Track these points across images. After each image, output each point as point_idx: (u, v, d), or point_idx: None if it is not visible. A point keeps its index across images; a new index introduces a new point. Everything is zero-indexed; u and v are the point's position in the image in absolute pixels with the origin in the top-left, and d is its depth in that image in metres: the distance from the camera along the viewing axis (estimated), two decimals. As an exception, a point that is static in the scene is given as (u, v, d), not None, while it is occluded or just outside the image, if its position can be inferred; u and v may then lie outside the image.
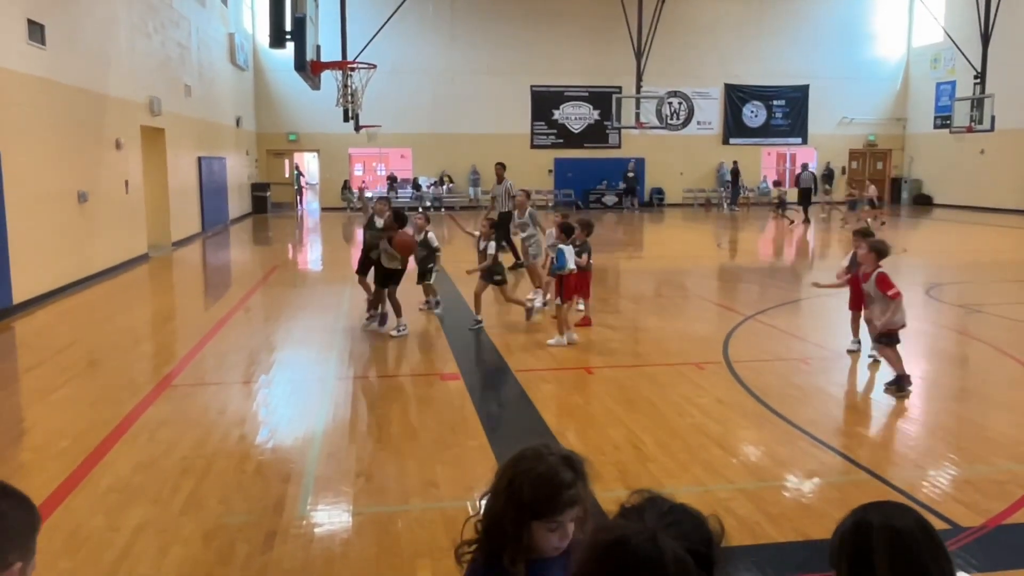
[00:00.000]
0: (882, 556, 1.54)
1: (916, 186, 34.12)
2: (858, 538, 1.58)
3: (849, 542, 1.60)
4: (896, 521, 1.58)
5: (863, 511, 1.63)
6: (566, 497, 1.85)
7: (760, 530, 4.34)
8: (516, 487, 1.86)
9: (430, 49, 31.15)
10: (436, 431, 6.08)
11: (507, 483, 1.88)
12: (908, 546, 1.55)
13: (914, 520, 1.59)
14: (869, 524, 1.58)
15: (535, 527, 1.86)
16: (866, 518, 1.60)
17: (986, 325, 10.09)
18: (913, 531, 1.56)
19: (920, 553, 1.55)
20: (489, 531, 1.90)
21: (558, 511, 1.85)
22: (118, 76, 15.08)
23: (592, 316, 9.77)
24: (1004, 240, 21.21)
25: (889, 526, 1.57)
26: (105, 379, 7.74)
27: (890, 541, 1.55)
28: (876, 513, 1.61)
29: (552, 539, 1.87)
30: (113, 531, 4.37)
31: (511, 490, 1.86)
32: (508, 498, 1.86)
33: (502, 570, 1.86)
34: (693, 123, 33.48)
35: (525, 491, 1.84)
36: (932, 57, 32.61)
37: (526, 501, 1.84)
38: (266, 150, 31.13)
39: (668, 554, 1.36)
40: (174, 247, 18.35)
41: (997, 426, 6.13)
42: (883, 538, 1.56)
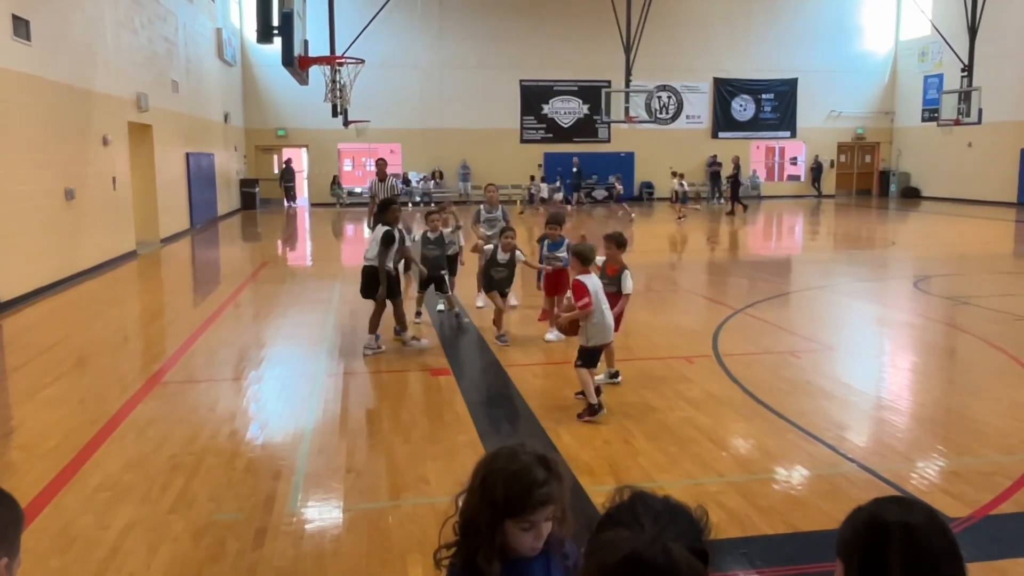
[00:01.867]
0: (895, 554, 1.52)
1: (904, 179, 34.28)
2: (872, 534, 1.57)
3: (863, 537, 1.58)
4: (912, 519, 1.56)
5: (878, 506, 1.61)
6: (538, 496, 1.84)
7: (750, 523, 4.36)
8: (489, 486, 1.86)
9: (419, 44, 31.07)
10: (426, 427, 6.08)
11: (480, 482, 1.88)
12: (921, 546, 1.53)
13: (929, 518, 1.57)
14: (884, 521, 1.57)
15: (508, 526, 1.86)
16: (881, 514, 1.58)
17: (974, 317, 10.15)
18: (929, 531, 1.55)
19: (933, 554, 1.53)
20: (464, 531, 1.90)
21: (530, 510, 1.84)
22: (105, 72, 14.98)
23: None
24: (991, 232, 21.33)
25: (904, 523, 1.55)
26: (93, 377, 7.71)
27: (904, 539, 1.53)
28: (892, 510, 1.59)
29: (526, 539, 1.87)
30: (102, 529, 4.36)
31: (484, 489, 1.87)
32: (481, 497, 1.86)
33: (478, 571, 1.86)
34: (682, 117, 33.53)
35: (498, 490, 1.84)
36: (920, 50, 32.73)
37: (499, 500, 1.84)
38: (255, 146, 31.02)
39: (682, 563, 1.35)
40: (162, 244, 18.27)
41: (985, 418, 6.17)
42: (897, 536, 1.54)
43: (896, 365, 8.30)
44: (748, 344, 8.65)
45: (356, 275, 14.15)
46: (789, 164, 36.01)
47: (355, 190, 32.42)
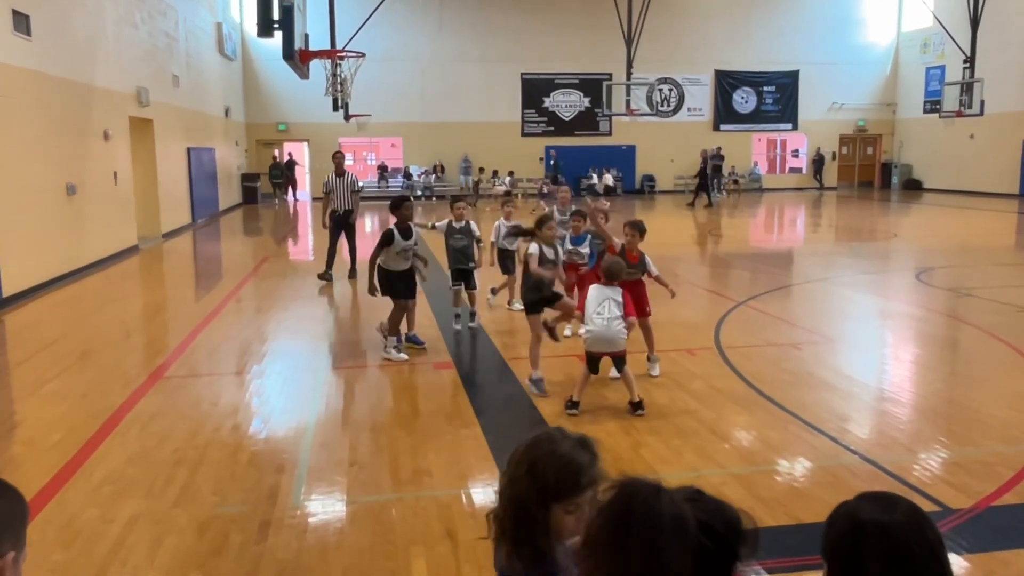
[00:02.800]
0: (872, 554, 1.51)
1: (906, 171, 34.20)
2: (849, 534, 1.55)
3: (840, 537, 1.56)
4: (889, 519, 1.53)
5: (855, 506, 1.59)
6: (586, 478, 1.87)
7: (753, 515, 4.35)
8: (539, 471, 1.88)
9: (419, 37, 31.02)
10: (429, 420, 6.09)
11: (528, 468, 1.90)
12: (899, 548, 1.51)
13: (909, 518, 1.55)
14: (860, 520, 1.54)
15: (555, 510, 1.88)
16: (857, 514, 1.56)
17: (976, 309, 10.15)
18: (908, 531, 1.52)
19: (911, 555, 1.51)
20: (516, 519, 1.91)
21: (578, 493, 1.87)
22: (105, 67, 14.97)
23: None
24: (993, 224, 21.29)
25: (879, 522, 1.53)
26: (97, 371, 7.72)
27: (880, 539, 1.51)
28: (870, 509, 1.57)
29: (570, 522, 1.89)
30: (107, 523, 4.37)
31: (533, 475, 1.88)
32: (531, 483, 1.88)
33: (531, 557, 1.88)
34: (684, 110, 33.47)
35: (549, 475, 1.87)
36: (922, 42, 32.63)
37: (550, 485, 1.87)
38: (255, 140, 31.00)
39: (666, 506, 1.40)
40: (164, 238, 18.28)
41: (987, 409, 6.17)
42: (873, 535, 1.52)
43: (898, 357, 8.29)
44: (750, 336, 8.65)
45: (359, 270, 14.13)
46: (791, 156, 35.93)
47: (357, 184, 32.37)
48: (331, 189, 12.33)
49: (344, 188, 12.31)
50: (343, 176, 12.43)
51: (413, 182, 31.15)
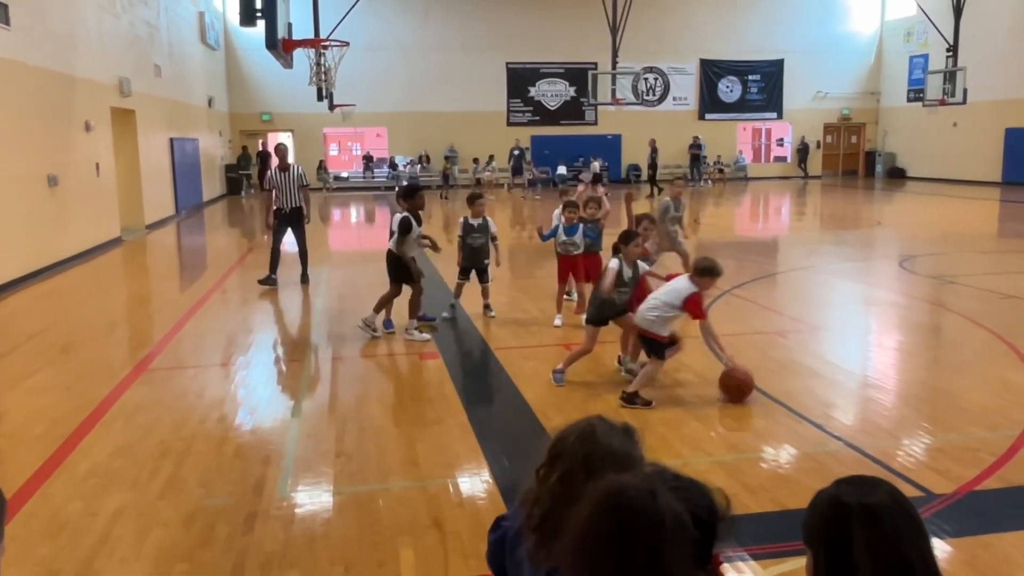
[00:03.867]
0: (859, 535, 1.51)
1: (889, 159, 34.37)
2: (835, 518, 1.55)
3: (826, 522, 1.56)
4: (873, 500, 1.54)
5: (838, 488, 1.59)
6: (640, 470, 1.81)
7: (738, 501, 4.35)
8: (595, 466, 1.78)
9: (404, 26, 30.85)
10: (415, 410, 6.09)
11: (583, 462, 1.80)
12: (884, 527, 1.51)
13: (891, 498, 1.56)
14: (845, 503, 1.55)
15: None
16: (842, 497, 1.56)
17: (959, 296, 10.23)
18: (891, 510, 1.53)
19: (897, 533, 1.51)
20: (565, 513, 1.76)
21: None
22: (86, 57, 14.82)
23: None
24: (976, 212, 21.45)
25: (866, 505, 1.53)
26: (80, 364, 7.67)
27: (866, 520, 1.51)
28: (852, 491, 1.57)
29: None
30: (92, 516, 4.35)
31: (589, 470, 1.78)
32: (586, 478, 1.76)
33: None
34: (669, 99, 33.47)
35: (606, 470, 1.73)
36: (905, 30, 32.74)
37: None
38: (239, 130, 30.77)
39: (665, 507, 1.37)
40: (147, 230, 18.15)
41: (969, 395, 6.23)
42: (859, 517, 1.52)
43: (882, 344, 8.35)
44: (736, 324, 8.68)
45: (345, 260, 14.13)
46: (776, 145, 36.03)
47: (341, 175, 32.25)
48: (275, 185, 11.01)
49: (290, 183, 11.01)
50: (288, 170, 11.06)
51: (399, 172, 31.04)
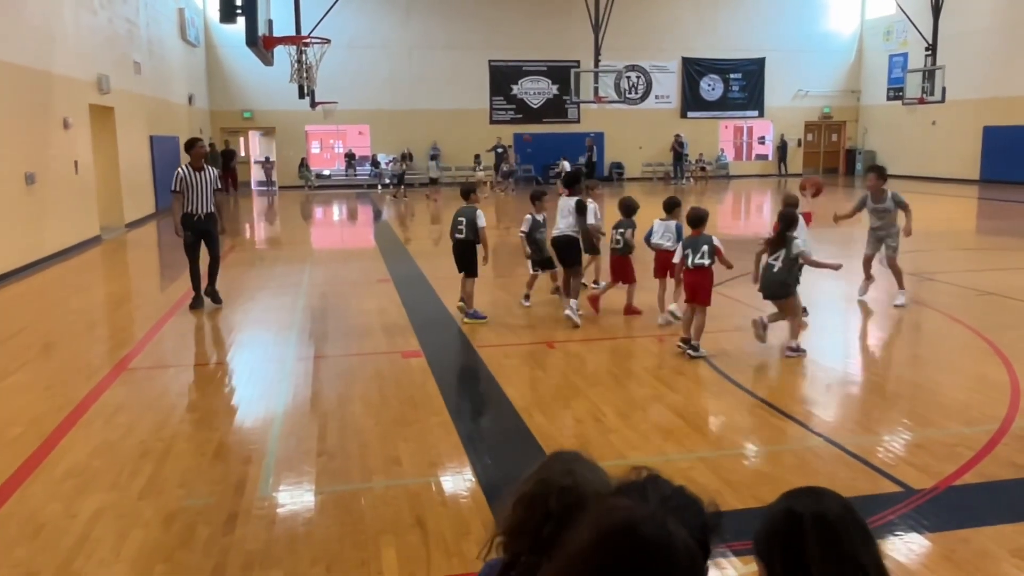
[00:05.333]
0: (814, 546, 1.51)
1: (870, 157, 34.58)
2: (788, 528, 1.55)
3: (779, 533, 1.57)
4: (825, 509, 1.55)
5: (791, 501, 1.60)
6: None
7: (720, 498, 4.38)
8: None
9: (386, 24, 30.76)
10: (398, 408, 6.07)
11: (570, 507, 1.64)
12: (839, 534, 1.52)
13: (841, 506, 1.57)
14: (799, 514, 1.55)
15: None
16: (794, 508, 1.57)
17: (938, 292, 10.32)
18: (843, 517, 1.54)
19: (851, 540, 1.53)
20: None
21: None
22: (64, 53, 14.67)
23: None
24: (955, 209, 21.64)
25: (819, 514, 1.54)
26: (59, 364, 7.60)
27: (821, 530, 1.52)
28: (804, 502, 1.58)
29: None
30: (70, 517, 4.31)
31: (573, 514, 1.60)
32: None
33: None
34: (651, 97, 33.56)
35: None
36: (885, 29, 32.99)
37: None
38: (220, 128, 30.57)
39: (679, 542, 1.30)
40: (127, 228, 18.00)
41: (948, 391, 6.29)
42: (813, 528, 1.53)
43: (862, 340, 8.42)
44: (717, 322, 8.70)
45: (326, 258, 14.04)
46: (757, 143, 36.21)
47: (323, 172, 32.12)
48: (186, 186, 9.55)
49: (204, 186, 9.61)
50: (202, 171, 9.69)
51: (381, 170, 30.96)
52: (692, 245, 7.31)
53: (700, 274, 7.26)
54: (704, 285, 7.26)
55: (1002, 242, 15.20)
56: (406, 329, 8.59)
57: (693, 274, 7.27)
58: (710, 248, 7.24)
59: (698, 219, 7.42)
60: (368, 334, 8.44)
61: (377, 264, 13.28)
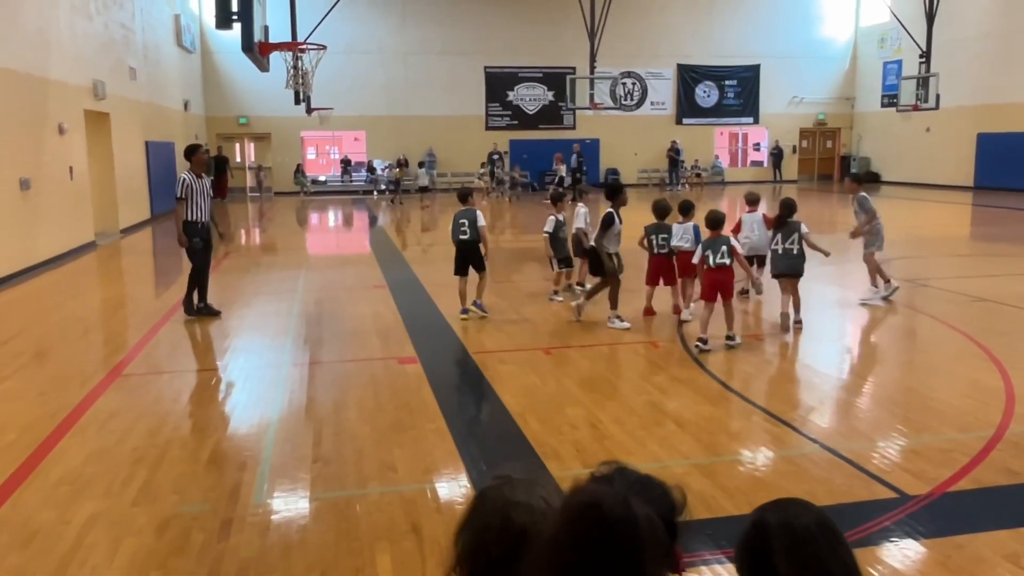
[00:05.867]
0: (781, 556, 1.52)
1: (864, 164, 34.70)
2: (757, 539, 1.56)
3: (748, 544, 1.58)
4: (794, 519, 1.56)
5: (762, 511, 1.61)
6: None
7: (716, 504, 4.41)
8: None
9: (382, 30, 30.78)
10: (393, 415, 6.06)
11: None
12: (806, 544, 1.52)
13: (813, 517, 1.57)
14: (767, 524, 1.56)
15: None
16: (764, 518, 1.58)
17: (932, 299, 10.34)
18: (810, 528, 1.54)
19: (819, 550, 1.52)
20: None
21: None
22: (59, 59, 14.66)
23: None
24: (949, 215, 21.71)
25: (787, 524, 1.55)
26: (53, 370, 7.57)
27: (788, 540, 1.53)
28: (774, 512, 1.59)
29: None
30: (64, 524, 4.29)
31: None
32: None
33: None
34: (647, 103, 33.60)
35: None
36: (879, 37, 33.11)
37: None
38: (216, 134, 30.55)
39: (641, 517, 1.38)
40: (122, 234, 17.97)
41: (942, 396, 6.30)
42: (781, 537, 1.54)
43: (857, 347, 8.43)
44: (712, 328, 8.72)
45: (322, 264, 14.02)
46: (752, 150, 36.29)
47: (319, 178, 32.11)
48: (191, 193, 9.39)
49: (205, 193, 9.56)
50: (202, 178, 9.62)
51: (377, 176, 30.95)
52: (712, 246, 7.80)
53: (723, 272, 7.77)
54: (727, 282, 7.81)
55: (996, 248, 15.25)
56: (402, 335, 8.58)
57: (716, 273, 7.76)
58: (728, 248, 7.75)
59: (716, 221, 7.95)
60: (363, 340, 8.44)
61: (373, 270, 13.27)
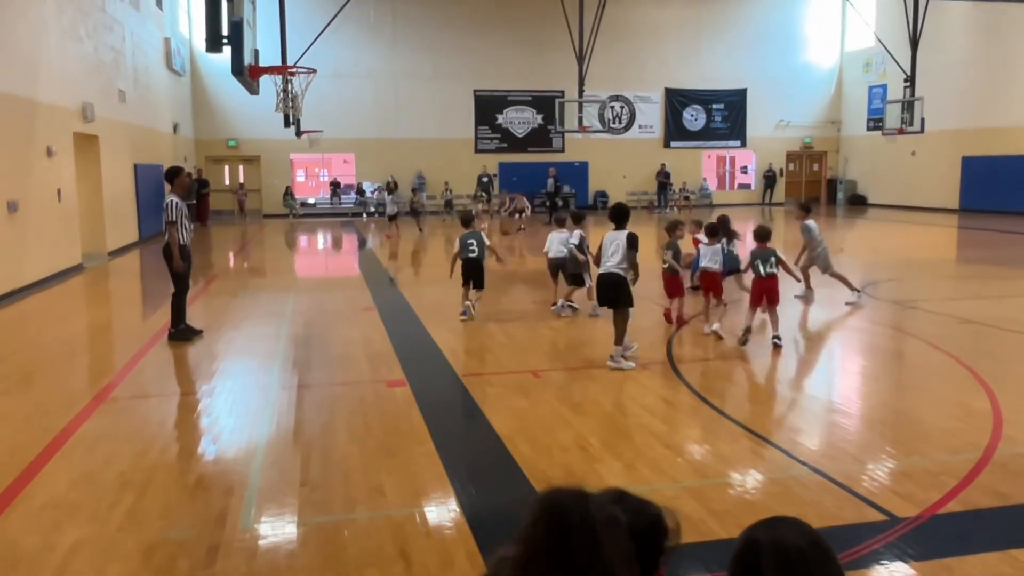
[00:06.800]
0: (770, 571, 1.54)
1: (851, 187, 35.00)
2: (748, 557, 1.58)
3: (740, 562, 1.59)
4: (784, 538, 1.57)
5: (753, 529, 1.63)
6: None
7: (705, 527, 4.40)
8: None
9: (372, 53, 30.96)
10: (382, 438, 6.03)
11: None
12: (796, 563, 1.54)
13: (804, 535, 1.58)
14: (757, 542, 1.58)
15: None
16: (755, 536, 1.60)
17: (919, 321, 10.40)
18: (801, 547, 1.55)
19: (809, 569, 1.54)
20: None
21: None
22: (48, 82, 14.66)
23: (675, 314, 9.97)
24: (935, 238, 21.88)
25: (777, 542, 1.56)
26: (39, 393, 7.51)
27: (779, 558, 1.54)
28: (765, 531, 1.61)
29: None
30: (48, 550, 4.24)
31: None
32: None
33: None
34: (635, 127, 33.85)
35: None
36: (864, 61, 33.51)
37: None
38: (205, 156, 30.56)
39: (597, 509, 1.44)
40: (110, 257, 17.89)
41: (931, 419, 6.32)
42: (771, 556, 1.55)
43: (845, 369, 8.46)
44: (701, 350, 8.75)
45: (311, 287, 14.00)
46: (740, 173, 36.55)
47: (308, 201, 32.12)
48: (182, 215, 9.48)
49: (190, 216, 9.72)
50: (185, 200, 9.80)
51: (366, 198, 30.98)
52: (761, 256, 8.76)
53: (772, 280, 8.71)
54: (774, 288, 8.75)
55: (983, 270, 15.36)
56: (391, 358, 8.55)
57: (765, 281, 8.71)
58: (776, 259, 8.73)
59: (765, 234, 9.10)
60: (352, 363, 8.41)
61: (362, 293, 13.25)
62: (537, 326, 9.99)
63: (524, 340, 9.23)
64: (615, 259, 7.93)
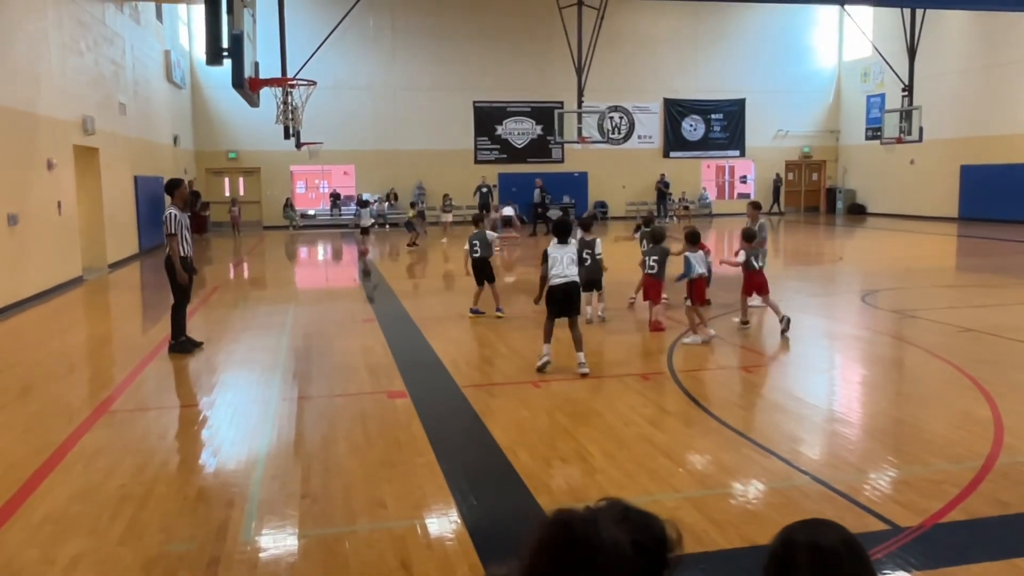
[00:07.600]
0: (806, 572, 1.56)
1: (850, 196, 35.05)
2: (784, 557, 1.60)
3: (776, 561, 1.61)
4: (821, 539, 1.59)
5: (790, 530, 1.65)
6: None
7: (707, 537, 4.39)
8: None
9: (371, 65, 31.06)
10: (383, 449, 6.02)
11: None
12: (832, 564, 1.56)
13: (839, 537, 1.60)
14: (794, 542, 1.60)
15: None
16: (792, 536, 1.62)
17: (920, 330, 10.39)
18: (837, 548, 1.58)
19: (844, 569, 1.56)
20: None
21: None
22: (49, 95, 14.70)
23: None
24: (934, 246, 21.90)
25: (813, 543, 1.58)
26: (39, 406, 7.50)
27: (813, 559, 1.56)
28: (802, 531, 1.63)
29: None
30: (48, 564, 4.23)
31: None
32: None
33: None
34: (634, 137, 33.94)
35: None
36: (862, 71, 33.61)
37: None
38: (205, 169, 30.62)
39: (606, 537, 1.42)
40: (110, 269, 17.90)
41: (932, 428, 6.31)
42: (806, 556, 1.57)
43: (846, 378, 8.45)
44: (701, 360, 8.74)
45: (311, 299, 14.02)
46: (739, 182, 36.62)
47: (308, 212, 32.17)
48: (181, 227, 9.46)
49: (189, 228, 9.71)
50: (184, 212, 9.66)
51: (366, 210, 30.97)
52: (755, 254, 10.06)
53: (763, 274, 10.11)
54: (764, 283, 10.05)
55: (982, 279, 15.37)
56: (391, 369, 8.55)
57: (760, 274, 10.05)
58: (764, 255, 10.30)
59: (752, 235, 10.29)
60: (353, 374, 8.40)
61: (362, 304, 13.25)
62: (537, 336, 9.97)
63: (524, 351, 9.23)
64: (572, 269, 8.16)
